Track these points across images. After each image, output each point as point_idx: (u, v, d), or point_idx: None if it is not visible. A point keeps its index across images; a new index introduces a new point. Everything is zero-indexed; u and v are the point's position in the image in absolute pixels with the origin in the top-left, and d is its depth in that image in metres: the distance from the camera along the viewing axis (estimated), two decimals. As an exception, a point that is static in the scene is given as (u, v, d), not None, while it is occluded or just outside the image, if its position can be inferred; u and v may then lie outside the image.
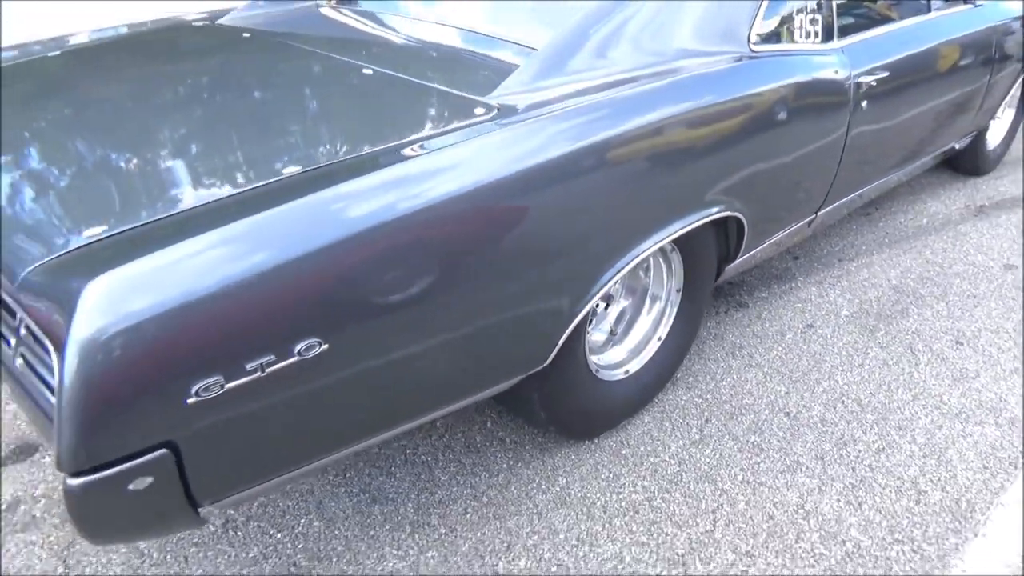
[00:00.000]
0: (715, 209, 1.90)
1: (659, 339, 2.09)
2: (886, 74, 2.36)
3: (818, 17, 2.23)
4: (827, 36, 2.25)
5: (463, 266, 1.38)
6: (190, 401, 1.08)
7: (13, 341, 1.22)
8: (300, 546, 1.75)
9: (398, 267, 1.28)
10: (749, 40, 1.99)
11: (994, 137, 3.66)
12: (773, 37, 2.09)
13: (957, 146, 3.30)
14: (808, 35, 2.21)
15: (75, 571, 1.68)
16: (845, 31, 2.32)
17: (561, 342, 1.65)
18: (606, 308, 2.04)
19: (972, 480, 1.93)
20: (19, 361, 1.20)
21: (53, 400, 1.13)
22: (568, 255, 1.58)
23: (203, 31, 2.31)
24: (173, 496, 1.14)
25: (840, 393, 2.23)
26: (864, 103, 2.31)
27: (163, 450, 1.09)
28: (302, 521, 1.81)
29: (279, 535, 1.78)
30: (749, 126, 1.91)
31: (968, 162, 3.60)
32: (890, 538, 1.77)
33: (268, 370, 1.14)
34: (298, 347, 1.17)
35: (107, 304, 1.01)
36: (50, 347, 1.03)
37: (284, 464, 1.30)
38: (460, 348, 1.45)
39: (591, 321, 1.89)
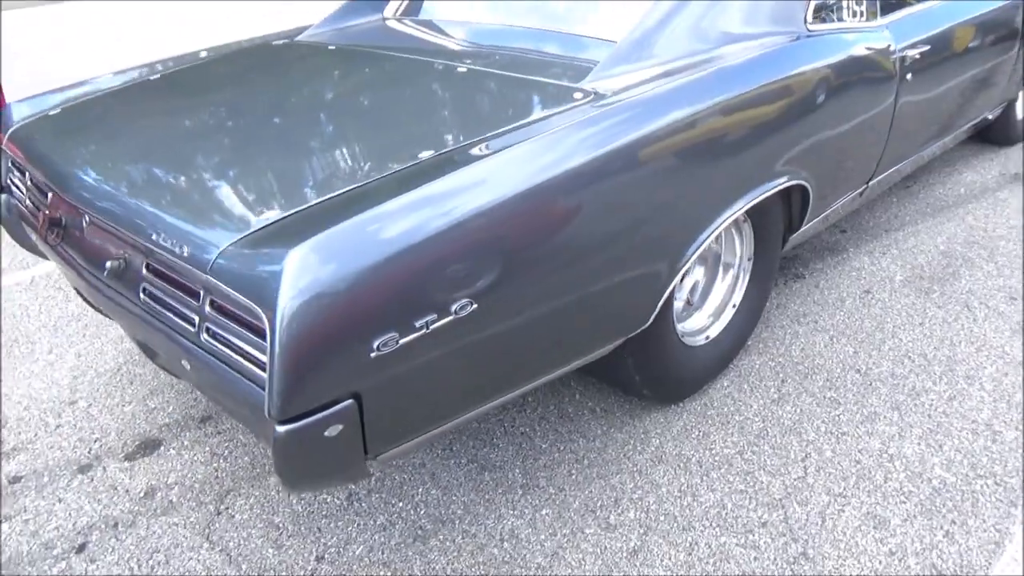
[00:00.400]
0: (784, 178, 2.03)
1: (734, 306, 2.22)
2: (927, 48, 2.49)
3: (861, -3, 2.37)
4: (872, 14, 2.38)
5: (585, 232, 1.53)
6: (373, 355, 1.22)
7: (197, 319, 1.36)
8: (422, 512, 1.88)
9: (534, 234, 1.43)
10: (806, 21, 2.13)
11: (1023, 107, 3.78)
12: (826, 17, 2.23)
13: (990, 116, 3.42)
14: (855, 14, 2.35)
15: (219, 546, 1.82)
16: (887, 9, 2.46)
17: (660, 303, 1.78)
18: (681, 280, 2.17)
19: (1043, 419, 2.05)
20: (204, 336, 1.35)
21: (246, 364, 1.28)
22: (663, 223, 1.72)
23: (294, 48, 2.47)
24: (353, 445, 1.28)
25: (906, 350, 2.35)
26: (909, 75, 2.44)
27: (351, 400, 1.23)
28: (420, 491, 1.95)
29: (401, 504, 1.91)
30: (811, 99, 2.05)
31: (999, 132, 3.72)
32: (973, 474, 1.89)
33: (432, 327, 1.29)
34: (454, 307, 1.31)
35: (306, 269, 1.16)
36: (259, 313, 1.17)
37: (441, 416, 1.44)
38: (583, 308, 1.60)
39: (677, 291, 2.02)
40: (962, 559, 1.67)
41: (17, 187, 2.10)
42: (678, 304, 2.14)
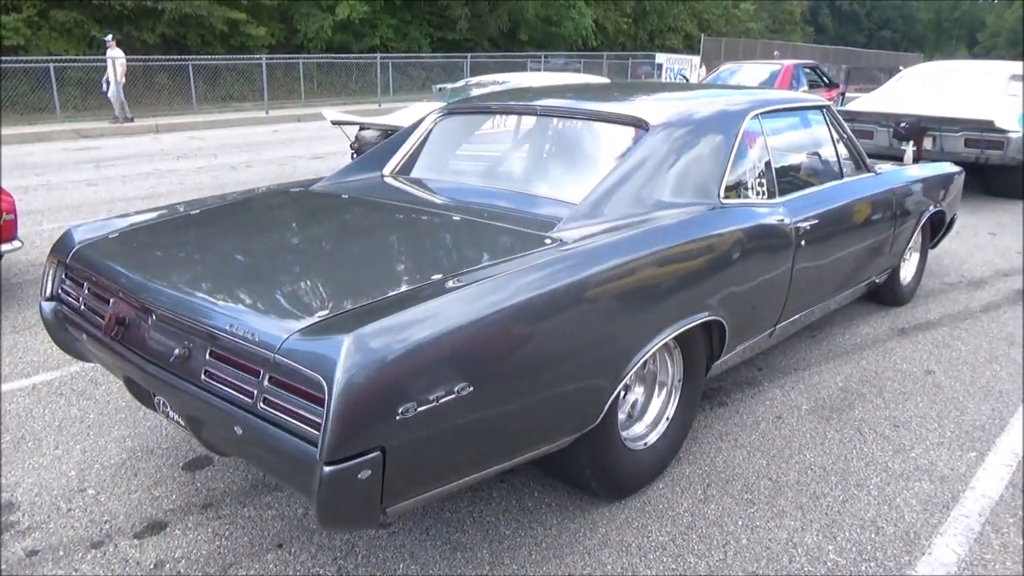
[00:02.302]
0: (704, 314, 2.56)
1: (668, 419, 2.68)
2: (816, 221, 3.16)
3: (764, 180, 3.05)
4: (772, 194, 3.05)
5: (548, 345, 2.01)
6: (398, 418, 1.63)
7: (255, 392, 1.76)
8: (404, 582, 2.19)
9: (511, 340, 1.90)
10: (719, 195, 2.76)
11: (906, 274, 4.53)
12: (735, 195, 2.87)
13: (877, 280, 4.12)
14: (758, 193, 3.01)
15: (223, 607, 2.09)
16: (784, 191, 3.14)
17: (606, 408, 2.23)
18: (624, 395, 2.64)
19: (916, 518, 2.50)
20: (261, 405, 1.74)
21: (297, 423, 1.67)
22: (609, 343, 2.21)
23: (312, 195, 3.01)
24: (374, 492, 1.66)
25: (809, 463, 2.82)
26: (803, 242, 3.08)
27: (378, 452, 1.62)
28: (400, 566, 2.26)
29: None
30: (725, 255, 2.63)
31: (888, 294, 4.43)
32: (860, 558, 2.30)
33: (440, 400, 1.71)
34: (456, 387, 1.75)
35: (355, 351, 1.59)
36: (320, 382, 1.58)
37: (440, 478, 1.82)
38: (546, 405, 2.05)
39: (620, 404, 2.48)
40: (849, 622, 2.06)
41: (70, 296, 2.49)
42: (622, 415, 2.59)
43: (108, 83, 14.00)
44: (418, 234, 2.47)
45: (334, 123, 7.48)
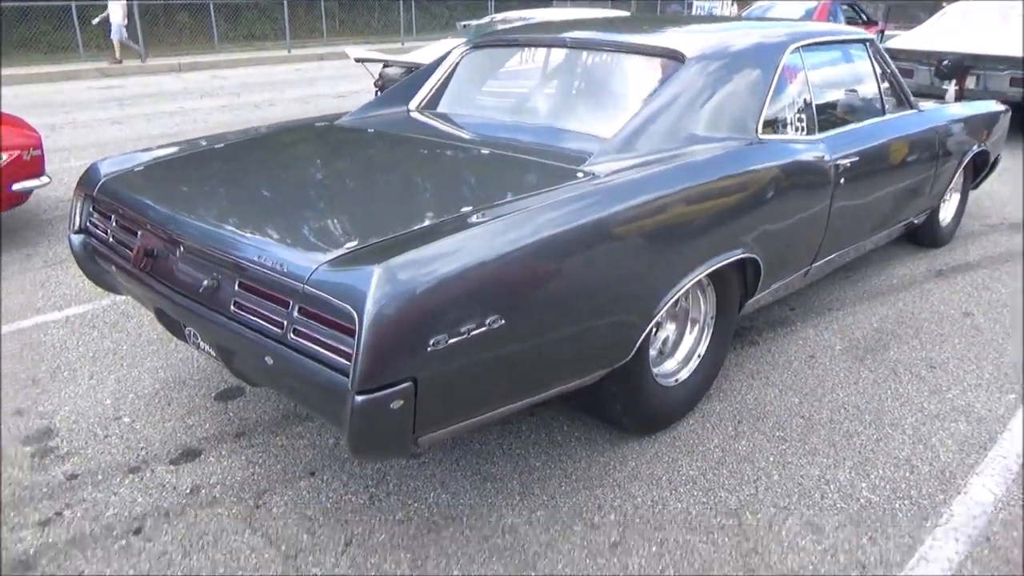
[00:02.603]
0: (739, 251, 2.50)
1: (699, 356, 2.64)
2: (857, 159, 3.05)
3: (803, 116, 2.93)
4: (812, 130, 2.94)
5: (580, 278, 1.97)
6: (429, 349, 1.61)
7: (285, 322, 1.74)
8: (435, 511, 2.21)
9: (545, 272, 1.86)
10: (757, 131, 2.66)
11: (946, 215, 4.39)
12: (774, 130, 2.77)
13: (916, 221, 4.00)
14: (797, 129, 2.90)
15: (260, 532, 2.12)
16: (824, 127, 3.02)
17: (637, 345, 2.20)
18: (656, 332, 2.60)
19: (952, 458, 2.46)
20: (291, 335, 1.73)
21: (327, 354, 1.66)
22: (641, 279, 2.16)
23: (337, 129, 2.95)
24: (406, 422, 1.65)
25: (842, 402, 2.78)
26: (842, 180, 2.98)
27: (410, 383, 1.61)
28: (431, 495, 2.28)
29: (415, 504, 2.24)
30: (761, 191, 2.55)
31: (926, 235, 4.31)
32: (894, 496, 2.28)
33: (472, 333, 1.69)
34: (488, 320, 1.72)
35: (386, 282, 1.56)
36: (350, 312, 1.56)
37: (471, 410, 1.82)
38: (577, 339, 2.02)
39: (652, 340, 2.45)
40: (882, 557, 2.05)
41: (98, 229, 2.48)
42: (653, 352, 2.56)
43: (110, 24, 13.93)
44: (445, 167, 2.41)
45: (357, 60, 7.35)
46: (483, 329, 1.71)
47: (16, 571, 1.96)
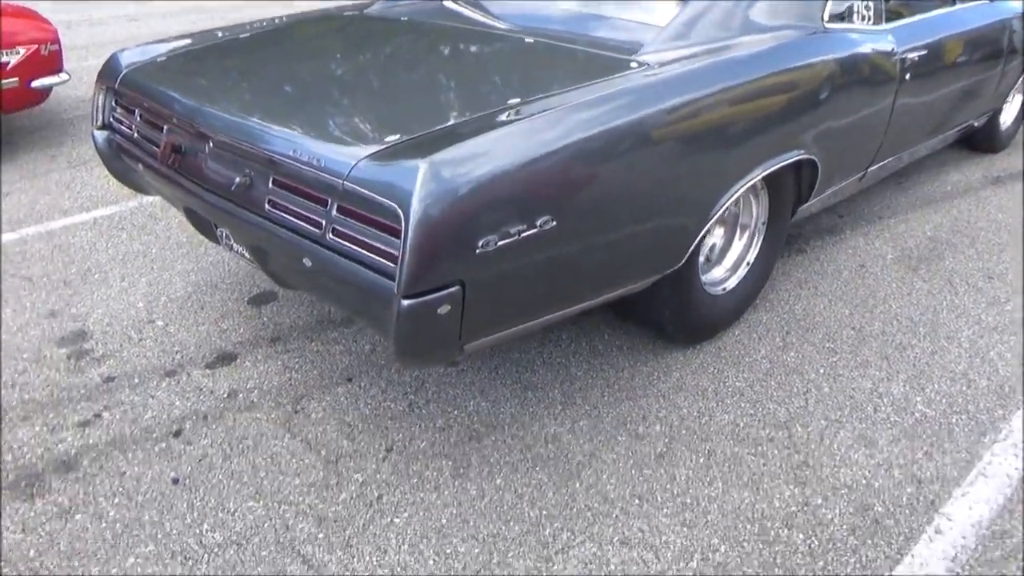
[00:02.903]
0: (798, 152, 2.34)
1: (748, 263, 2.52)
2: (925, 52, 2.82)
3: (871, 3, 2.69)
4: (879, 19, 2.70)
5: (636, 177, 1.83)
6: (477, 251, 1.51)
7: (324, 222, 1.64)
8: (475, 419, 2.17)
9: (598, 171, 1.72)
10: (823, 19, 2.44)
11: (1006, 118, 4.13)
12: (840, 18, 2.54)
13: (976, 123, 3.76)
14: (864, 19, 2.67)
15: (299, 437, 2.10)
16: (892, 17, 2.78)
17: (691, 249, 2.08)
18: (703, 239, 2.48)
19: (1011, 373, 2.36)
20: (330, 236, 1.63)
21: (369, 255, 1.56)
22: (697, 180, 2.02)
23: (367, 18, 2.76)
24: (453, 328, 1.57)
25: (895, 314, 2.67)
26: (907, 75, 2.77)
27: (458, 287, 1.52)
28: (471, 403, 2.23)
29: (456, 412, 2.19)
30: (825, 86, 2.36)
31: (984, 140, 4.07)
32: (950, 410, 2.20)
33: (522, 235, 1.58)
34: (539, 220, 1.60)
35: (433, 178, 1.45)
36: (395, 211, 1.45)
37: (520, 316, 1.73)
38: (631, 243, 1.90)
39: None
40: (939, 472, 1.98)
41: (122, 124, 2.36)
42: (700, 258, 2.44)
43: None
44: (488, 58, 2.24)
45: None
46: (534, 231, 1.60)
47: (59, 471, 1.96)
